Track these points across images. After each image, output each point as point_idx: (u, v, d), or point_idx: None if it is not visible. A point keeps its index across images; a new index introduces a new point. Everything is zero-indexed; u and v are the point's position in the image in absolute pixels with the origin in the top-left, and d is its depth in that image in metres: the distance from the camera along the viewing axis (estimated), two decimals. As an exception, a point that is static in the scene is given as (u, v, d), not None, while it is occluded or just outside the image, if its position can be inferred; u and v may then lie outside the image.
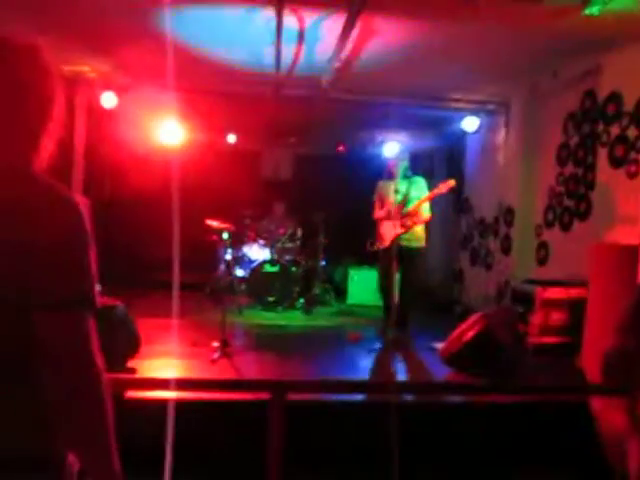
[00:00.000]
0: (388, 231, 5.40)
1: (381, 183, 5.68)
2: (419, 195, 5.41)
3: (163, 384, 1.88)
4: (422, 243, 5.47)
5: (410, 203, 5.34)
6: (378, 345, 5.20)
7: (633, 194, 4.38)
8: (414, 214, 5.32)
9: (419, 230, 5.43)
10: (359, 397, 3.40)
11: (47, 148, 1.14)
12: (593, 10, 3.78)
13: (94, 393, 1.06)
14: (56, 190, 1.08)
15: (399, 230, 5.32)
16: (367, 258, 5.88)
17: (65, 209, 1.07)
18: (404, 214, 5.32)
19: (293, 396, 2.38)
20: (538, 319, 4.84)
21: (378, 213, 5.57)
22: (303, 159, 9.80)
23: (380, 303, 5.67)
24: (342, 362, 4.83)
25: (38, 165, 1.12)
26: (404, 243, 5.31)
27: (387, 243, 5.37)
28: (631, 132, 4.52)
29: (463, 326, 4.21)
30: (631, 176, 4.47)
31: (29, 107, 1.11)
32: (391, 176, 5.53)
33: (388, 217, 5.40)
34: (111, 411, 1.08)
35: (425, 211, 5.40)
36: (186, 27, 4.74)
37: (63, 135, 1.20)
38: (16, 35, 1.11)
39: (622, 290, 3.33)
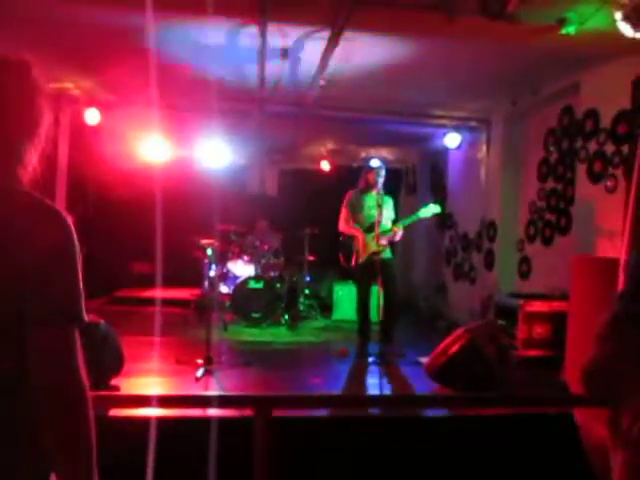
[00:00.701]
0: (365, 247, 5.30)
1: (354, 194, 5.50)
2: (389, 215, 5.38)
3: (145, 401, 1.87)
4: (391, 254, 5.43)
5: (383, 221, 5.23)
6: (371, 359, 5.15)
7: (612, 208, 4.46)
8: (393, 233, 5.27)
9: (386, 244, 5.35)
10: (344, 412, 3.40)
11: (32, 163, 1.16)
12: (570, 29, 3.88)
13: (79, 408, 1.05)
14: (45, 205, 1.09)
15: (374, 247, 5.21)
16: (351, 273, 5.86)
17: (54, 224, 1.07)
18: (382, 232, 5.21)
19: (279, 412, 2.37)
20: (521, 332, 4.88)
21: (347, 227, 5.44)
22: (288, 175, 9.85)
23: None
24: (328, 378, 4.82)
25: (24, 179, 1.13)
26: (377, 257, 5.19)
27: (362, 259, 5.30)
28: (608, 148, 4.62)
29: (448, 340, 4.23)
30: (609, 191, 4.56)
31: (17, 123, 1.12)
32: (367, 189, 5.42)
33: (363, 232, 5.31)
34: (94, 428, 1.08)
35: (401, 230, 5.35)
36: (171, 45, 4.77)
37: (47, 150, 1.21)
38: (5, 52, 1.12)
39: (602, 302, 3.38)
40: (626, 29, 3.44)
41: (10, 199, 1.07)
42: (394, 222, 5.44)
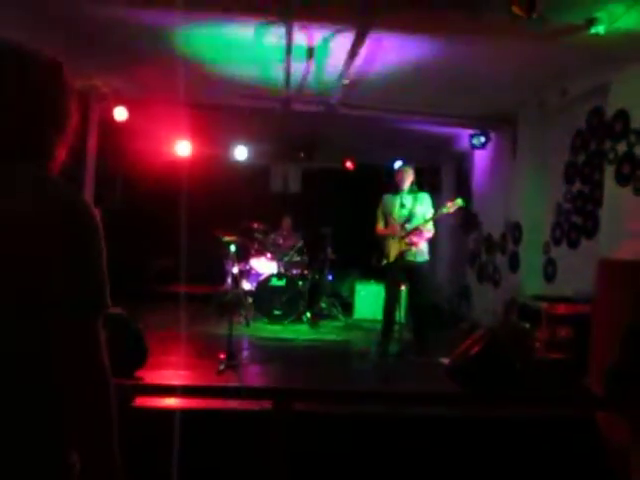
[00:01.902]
0: (393, 247, 5.34)
1: (386, 197, 5.60)
2: (424, 211, 5.37)
3: (168, 390, 1.91)
4: (426, 257, 5.42)
5: (415, 219, 5.30)
6: (392, 359, 5.16)
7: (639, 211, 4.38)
8: (419, 231, 5.28)
9: (422, 244, 5.38)
10: (363, 408, 3.41)
11: (61, 156, 1.22)
12: (599, 29, 3.83)
13: (102, 394, 1.09)
14: (72, 195, 1.13)
15: (404, 247, 5.28)
16: (374, 273, 5.87)
17: (82, 215, 1.11)
18: (409, 230, 5.27)
19: (299, 406, 2.39)
20: (545, 335, 4.83)
21: (380, 228, 5.51)
22: (311, 174, 9.88)
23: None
24: (348, 376, 4.83)
25: (53, 171, 1.19)
26: (409, 258, 5.28)
27: (392, 259, 5.33)
28: (638, 150, 4.53)
29: (469, 341, 4.20)
30: (638, 193, 4.48)
31: (49, 120, 1.18)
32: (397, 189, 5.48)
33: (392, 233, 5.35)
34: (116, 415, 1.11)
35: (430, 228, 5.35)
36: (198, 45, 4.84)
37: (76, 146, 1.26)
38: (41, 51, 1.18)
39: (627, 306, 3.33)
40: (657, 29, 3.38)
41: (40, 188, 1.11)
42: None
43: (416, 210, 5.33)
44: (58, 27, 4.51)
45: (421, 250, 5.35)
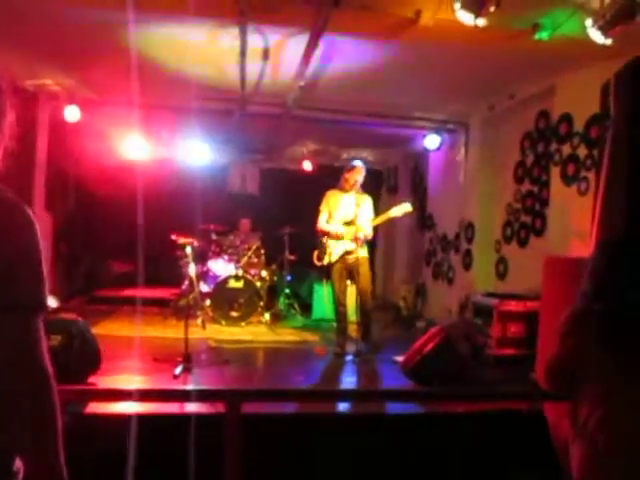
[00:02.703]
0: (337, 245, 5.35)
1: (331, 193, 5.53)
2: (367, 214, 5.40)
3: (120, 394, 1.90)
4: (366, 252, 5.42)
5: (358, 220, 5.29)
6: (349, 358, 5.20)
7: (584, 210, 4.56)
8: (363, 231, 5.28)
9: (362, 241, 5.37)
10: (315, 409, 3.44)
11: None
12: (543, 35, 3.97)
13: (43, 393, 1.08)
14: (7, 198, 1.12)
15: (349, 246, 5.28)
16: (326, 272, 5.90)
17: (15, 215, 1.11)
18: (355, 231, 5.26)
19: (252, 409, 2.40)
20: (496, 331, 4.98)
21: (323, 225, 5.46)
22: (269, 174, 9.87)
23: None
24: (307, 377, 4.86)
25: None
26: (353, 256, 5.26)
27: (335, 258, 5.34)
28: (581, 151, 4.73)
29: (423, 339, 4.30)
30: (582, 193, 4.67)
31: None
32: (343, 187, 5.44)
33: (336, 237, 5.33)
34: (59, 416, 1.11)
35: (370, 230, 5.36)
36: (151, 44, 4.78)
37: (19, 148, 1.24)
38: None
39: (573, 301, 3.46)
40: (596, 36, 3.53)
41: None
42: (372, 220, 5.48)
43: (360, 211, 5.34)
44: (4, 23, 4.38)
45: (363, 246, 5.37)
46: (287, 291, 7.60)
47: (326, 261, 5.40)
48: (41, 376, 1.09)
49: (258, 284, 7.02)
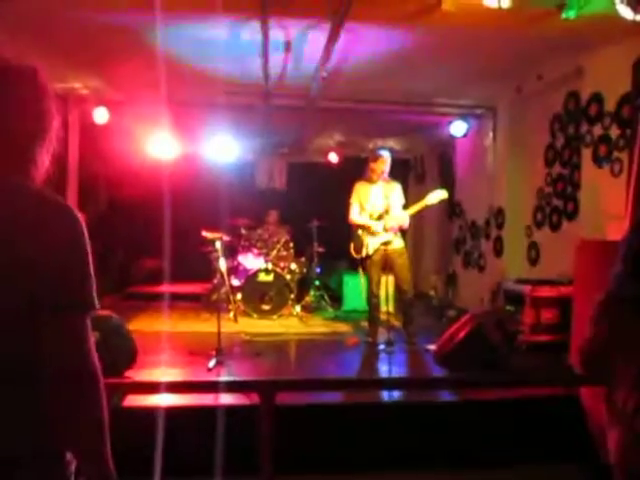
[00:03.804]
0: (371, 237, 5.34)
1: (360, 185, 5.51)
2: (398, 202, 5.38)
3: (153, 387, 1.94)
4: (402, 243, 5.42)
5: (390, 210, 5.29)
6: (381, 347, 5.21)
7: (617, 192, 4.46)
8: (396, 220, 5.28)
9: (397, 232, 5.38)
10: (350, 398, 3.46)
11: (44, 163, 1.23)
12: (570, 14, 3.87)
13: (90, 388, 1.13)
14: (56, 201, 1.16)
15: (383, 236, 5.29)
16: (358, 264, 5.90)
17: (65, 217, 1.15)
18: (388, 220, 5.27)
19: (285, 398, 2.43)
20: (529, 318, 4.91)
21: (356, 217, 5.46)
22: (296, 168, 9.89)
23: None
24: (339, 367, 4.89)
25: (37, 179, 1.21)
26: (389, 247, 5.26)
27: (371, 249, 5.35)
28: (613, 132, 4.61)
29: (455, 327, 4.27)
30: (615, 174, 4.56)
31: (27, 127, 1.19)
32: (371, 178, 5.42)
33: (368, 230, 5.32)
34: (107, 412, 1.15)
35: (406, 219, 5.32)
36: (175, 42, 4.83)
37: (58, 151, 1.28)
38: (16, 57, 1.20)
39: (607, 285, 3.40)
40: (625, 12, 3.44)
41: (24, 196, 1.14)
42: (404, 208, 5.44)
43: (390, 202, 5.32)
44: (32, 29, 4.48)
45: (398, 236, 5.37)
46: (317, 283, 7.62)
47: (364, 253, 5.39)
48: (90, 373, 1.13)
49: (288, 277, 7.06)
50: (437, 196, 5.35)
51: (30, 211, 1.12)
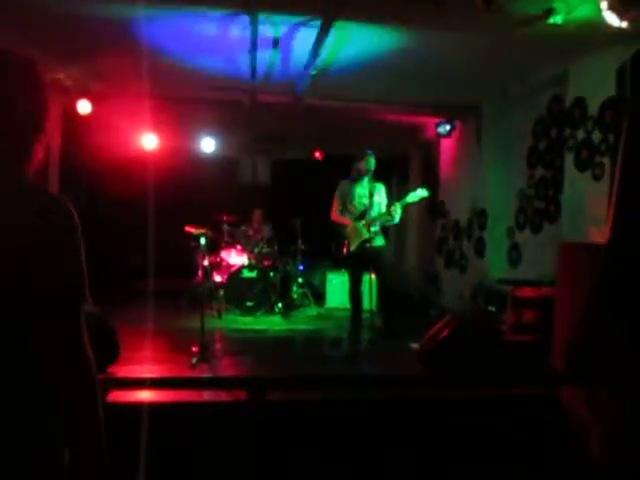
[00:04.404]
0: (354, 235, 5.36)
1: (344, 183, 5.54)
2: (381, 201, 5.42)
3: (141, 383, 1.93)
4: (384, 241, 5.47)
5: (373, 208, 5.33)
6: (363, 346, 5.23)
7: (599, 196, 4.54)
8: (386, 217, 5.30)
9: (379, 231, 5.40)
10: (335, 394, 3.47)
11: (37, 155, 1.22)
12: (557, 19, 3.93)
13: (85, 379, 1.12)
14: (49, 195, 1.15)
15: (366, 235, 5.31)
16: (344, 262, 5.92)
17: (59, 211, 1.14)
18: (371, 219, 5.30)
19: (272, 396, 2.43)
20: (510, 318, 4.97)
21: (337, 215, 5.47)
22: (281, 165, 9.87)
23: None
24: (322, 364, 4.89)
25: (30, 171, 1.19)
26: (371, 245, 5.29)
27: (354, 247, 5.36)
28: (595, 136, 4.69)
29: (438, 326, 4.30)
30: (596, 178, 4.64)
31: (27, 119, 1.18)
32: (356, 177, 5.44)
33: (352, 221, 5.34)
34: (101, 400, 1.14)
35: (393, 216, 5.32)
36: (162, 35, 4.79)
37: (48, 143, 1.26)
38: (10, 49, 1.17)
39: (587, 287, 3.46)
40: (612, 18, 3.49)
41: (18, 193, 1.12)
42: (388, 207, 5.46)
43: (374, 200, 5.36)
44: (14, 18, 4.39)
45: (380, 234, 5.41)
46: (300, 280, 7.63)
47: (346, 251, 5.41)
48: (85, 366, 1.12)
49: (271, 274, 7.05)
50: (418, 194, 5.38)
51: (24, 205, 1.10)
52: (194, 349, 4.55)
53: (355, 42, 4.80)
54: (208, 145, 8.06)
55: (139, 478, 2.04)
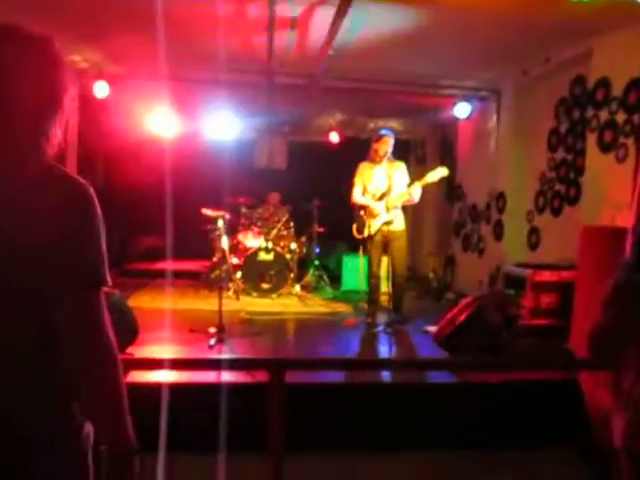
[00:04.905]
0: (373, 217, 5.31)
1: (363, 165, 5.47)
2: (402, 181, 5.35)
3: (162, 363, 1.94)
4: (403, 225, 5.41)
5: (394, 189, 5.26)
6: (380, 328, 5.23)
7: (622, 178, 4.45)
8: (406, 196, 5.24)
9: (400, 212, 5.36)
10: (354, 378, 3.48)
11: (56, 136, 1.19)
12: (581, -4, 3.83)
13: (108, 363, 1.12)
14: (69, 178, 1.14)
15: (385, 216, 5.27)
16: (359, 245, 5.90)
17: (79, 196, 1.13)
18: (390, 200, 5.24)
19: (291, 378, 2.43)
20: (529, 302, 4.93)
21: (358, 198, 5.42)
22: (297, 147, 9.82)
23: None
24: (339, 347, 4.91)
25: (48, 153, 1.17)
26: (390, 228, 5.26)
27: (373, 230, 5.33)
28: (620, 117, 4.58)
29: (456, 309, 4.29)
30: (620, 160, 4.54)
31: (42, 96, 1.15)
32: (374, 158, 5.37)
33: (372, 213, 5.29)
34: (124, 383, 1.14)
35: (414, 195, 5.25)
36: (179, 16, 4.75)
37: (68, 124, 1.24)
38: (28, 26, 1.15)
39: (610, 272, 3.41)
40: (639, -5, 3.39)
41: (37, 174, 1.11)
42: (408, 187, 5.38)
43: (394, 181, 5.29)
44: (27, 2, 4.38)
45: (400, 218, 5.36)
46: (316, 263, 7.63)
47: (366, 234, 5.37)
48: (108, 349, 1.12)
49: (288, 256, 7.06)
50: (438, 173, 5.29)
51: (46, 189, 1.09)
52: (212, 330, 4.59)
53: (373, 21, 4.73)
54: (225, 128, 8.03)
55: (159, 458, 2.06)
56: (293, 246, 7.41)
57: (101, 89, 6.38)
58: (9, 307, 1.08)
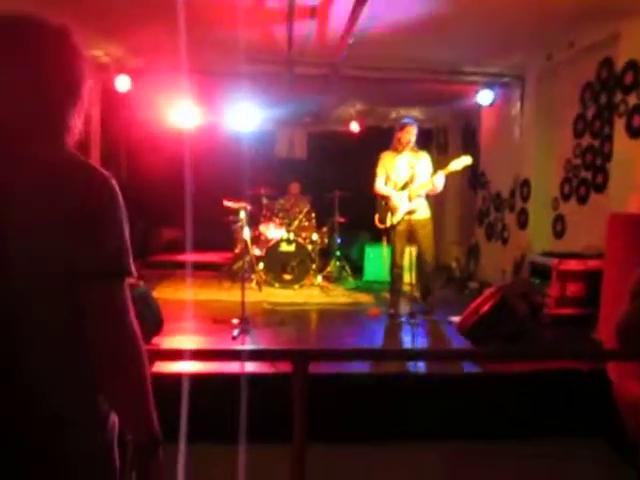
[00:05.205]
0: (396, 207, 5.26)
1: (385, 155, 5.40)
2: (425, 170, 5.28)
3: (187, 354, 1.95)
4: (428, 213, 5.34)
5: (417, 179, 5.20)
6: (403, 319, 5.21)
7: (651, 164, 4.34)
8: (430, 186, 5.18)
9: (424, 201, 5.29)
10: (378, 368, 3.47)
11: (76, 126, 1.20)
12: (609, -24, 3.72)
13: (133, 354, 1.13)
14: (91, 167, 1.14)
15: (408, 205, 5.22)
16: (382, 235, 5.86)
17: (101, 185, 1.13)
18: (414, 189, 5.19)
19: (315, 368, 2.44)
20: (555, 291, 4.86)
21: (381, 187, 5.36)
22: (317, 137, 9.79)
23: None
24: (362, 338, 4.90)
25: (69, 143, 1.18)
26: (414, 217, 5.20)
27: (396, 220, 5.27)
28: (649, 101, 4.46)
29: (480, 299, 4.24)
30: (649, 146, 4.43)
31: (59, 87, 1.16)
32: (397, 147, 5.31)
33: (395, 193, 5.24)
34: (149, 376, 1.15)
35: (437, 184, 5.16)
36: (199, 8, 4.74)
37: (88, 115, 1.25)
38: (46, 17, 1.15)
39: (638, 260, 3.34)
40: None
41: (58, 163, 1.12)
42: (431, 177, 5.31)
43: (417, 170, 5.23)
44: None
45: (424, 207, 5.30)
46: (338, 254, 7.62)
47: (389, 223, 5.33)
48: (133, 339, 1.13)
49: (309, 247, 7.06)
50: (462, 162, 5.21)
51: (65, 179, 1.09)
52: (235, 321, 4.62)
53: (394, 7, 4.66)
54: (245, 118, 8.04)
55: (181, 449, 2.08)
56: (315, 237, 7.41)
57: (123, 83, 6.42)
58: (42, 289, 1.08)
